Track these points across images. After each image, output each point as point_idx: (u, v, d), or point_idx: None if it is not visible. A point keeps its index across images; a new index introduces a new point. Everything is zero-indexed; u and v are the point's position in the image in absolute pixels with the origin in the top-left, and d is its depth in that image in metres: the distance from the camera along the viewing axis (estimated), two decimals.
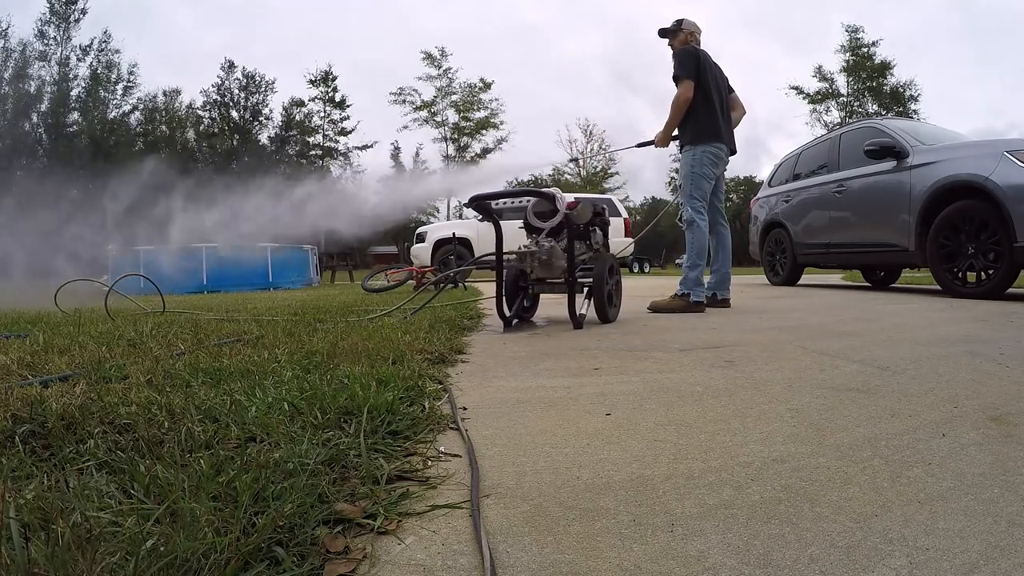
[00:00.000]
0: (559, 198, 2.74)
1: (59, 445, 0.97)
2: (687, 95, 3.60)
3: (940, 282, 4.38)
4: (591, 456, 1.01)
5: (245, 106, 38.63)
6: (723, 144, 3.71)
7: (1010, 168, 3.74)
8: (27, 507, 0.70)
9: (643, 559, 0.67)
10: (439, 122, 37.88)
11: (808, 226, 6.09)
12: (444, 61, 37.07)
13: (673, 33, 3.83)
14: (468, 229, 10.71)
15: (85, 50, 32.13)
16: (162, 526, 0.66)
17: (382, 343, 1.98)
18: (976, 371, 1.60)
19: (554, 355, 2.04)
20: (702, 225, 3.65)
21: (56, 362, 1.65)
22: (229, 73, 38.35)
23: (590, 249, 3.20)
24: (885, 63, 35.40)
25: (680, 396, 1.42)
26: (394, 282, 6.71)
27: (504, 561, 0.67)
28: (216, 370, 1.54)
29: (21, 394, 1.20)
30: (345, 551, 0.68)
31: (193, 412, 1.11)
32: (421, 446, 1.05)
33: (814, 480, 0.88)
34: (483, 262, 3.73)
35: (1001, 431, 1.08)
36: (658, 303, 3.63)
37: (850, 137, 5.66)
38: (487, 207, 2.99)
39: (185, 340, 2.14)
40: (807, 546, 0.68)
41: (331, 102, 39.59)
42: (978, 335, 2.25)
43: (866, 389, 1.43)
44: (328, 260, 13.48)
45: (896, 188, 4.71)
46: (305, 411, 1.13)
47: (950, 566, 0.63)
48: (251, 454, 0.89)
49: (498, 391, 1.51)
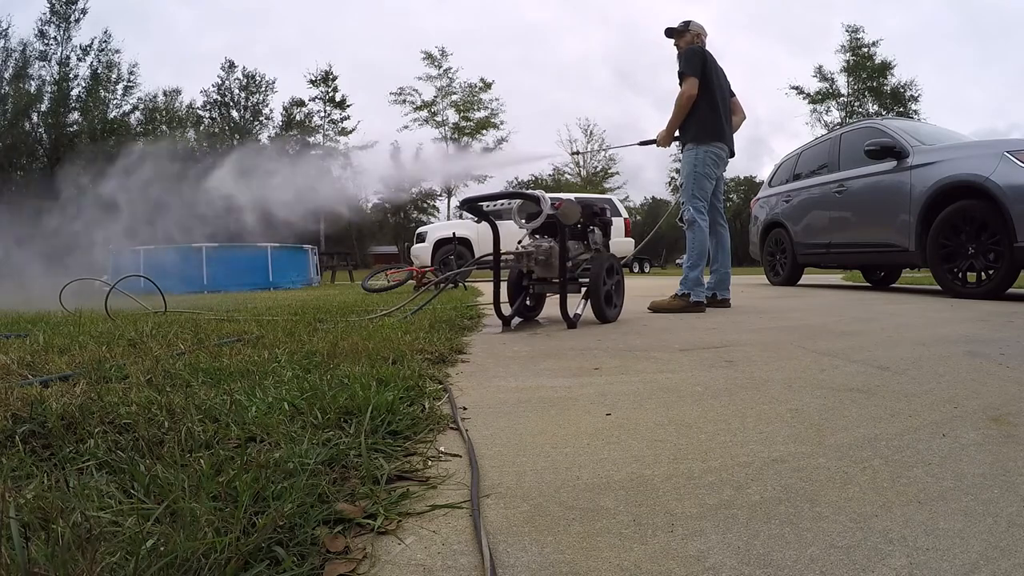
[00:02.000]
0: (543, 199, 2.81)
1: (59, 445, 0.97)
2: (691, 92, 3.61)
3: (940, 282, 4.38)
4: (591, 456, 1.01)
5: (245, 106, 38.67)
6: (725, 145, 3.72)
7: (1010, 168, 3.74)
8: (27, 507, 0.70)
9: (643, 559, 0.67)
10: (439, 122, 37.89)
11: (808, 226, 6.09)
12: (444, 61, 37.11)
13: (680, 34, 3.85)
14: (468, 229, 10.71)
15: (85, 50, 32.16)
16: (162, 526, 0.66)
17: (382, 343, 1.98)
18: (976, 371, 1.60)
19: (554, 355, 2.04)
20: (703, 225, 3.65)
21: (56, 362, 1.65)
22: (229, 73, 38.42)
23: (588, 249, 3.20)
24: (885, 63, 35.41)
25: (680, 396, 1.42)
26: (394, 282, 6.71)
27: (504, 561, 0.67)
28: (216, 370, 1.54)
29: (21, 394, 1.20)
30: (345, 551, 0.68)
31: (193, 412, 1.11)
32: (421, 446, 1.05)
33: (814, 480, 0.88)
34: (484, 262, 3.79)
35: (1001, 431, 1.08)
36: (658, 303, 3.63)
37: (850, 137, 5.66)
38: (479, 209, 3.08)
39: (185, 340, 2.14)
40: (807, 546, 0.68)
41: (331, 102, 39.63)
42: (978, 335, 2.25)
43: (866, 389, 1.43)
44: (328, 260, 13.48)
45: (896, 188, 4.71)
46: (305, 411, 1.13)
47: (950, 566, 0.63)
48: (251, 454, 0.89)
49: (498, 391, 1.51)
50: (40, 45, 30.92)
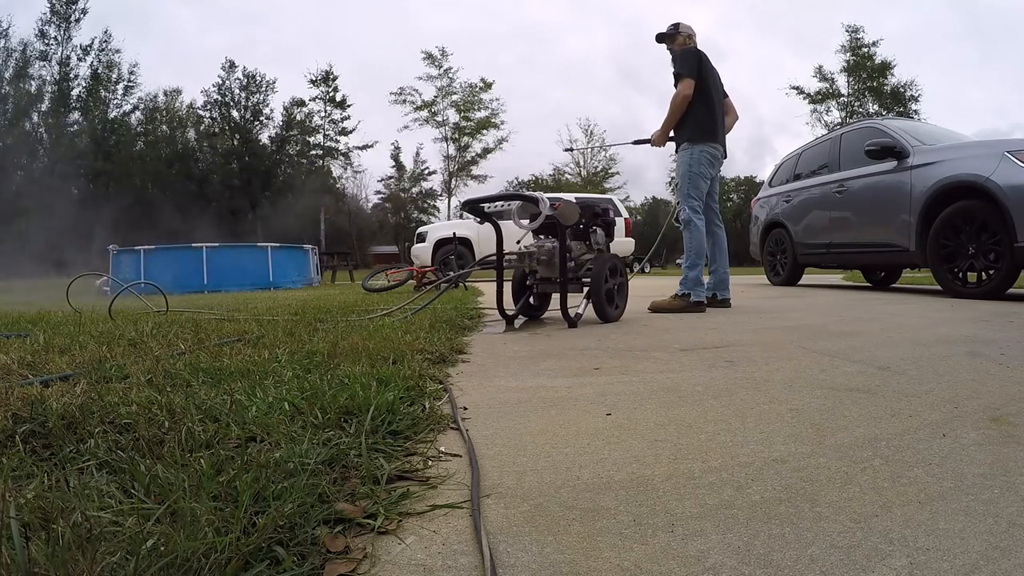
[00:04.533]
0: (542, 201, 2.85)
1: (59, 445, 0.97)
2: (687, 93, 3.62)
3: (941, 282, 4.37)
4: (591, 456, 1.01)
5: (246, 106, 38.67)
6: (719, 145, 3.74)
7: (1011, 168, 3.74)
8: (28, 507, 0.70)
9: (643, 559, 0.67)
10: (439, 122, 37.93)
11: (809, 226, 6.09)
12: (444, 61, 37.13)
13: (671, 37, 3.88)
14: (468, 229, 10.71)
15: (86, 50, 32.21)
16: (162, 526, 0.66)
17: (383, 343, 1.98)
18: (977, 371, 1.60)
19: (555, 355, 2.04)
20: (699, 224, 3.66)
21: (56, 361, 1.65)
22: (230, 73, 38.42)
23: (591, 249, 3.21)
24: (886, 63, 35.40)
25: (680, 396, 1.41)
26: (394, 282, 6.71)
27: (504, 561, 0.67)
28: (217, 370, 1.54)
29: (22, 393, 1.20)
30: (345, 551, 0.68)
31: (193, 412, 1.11)
32: (421, 446, 1.05)
33: (814, 480, 0.88)
34: (488, 263, 3.83)
35: (1002, 431, 1.08)
36: (658, 303, 3.64)
37: (851, 137, 5.66)
38: (481, 210, 3.13)
39: (186, 340, 2.14)
40: (807, 546, 0.68)
41: (332, 102, 39.66)
42: (979, 335, 2.25)
43: (867, 389, 1.43)
44: (328, 260, 13.47)
45: (897, 188, 4.71)
46: (305, 411, 1.13)
47: (950, 567, 0.63)
48: (251, 454, 0.89)
49: (498, 391, 1.51)
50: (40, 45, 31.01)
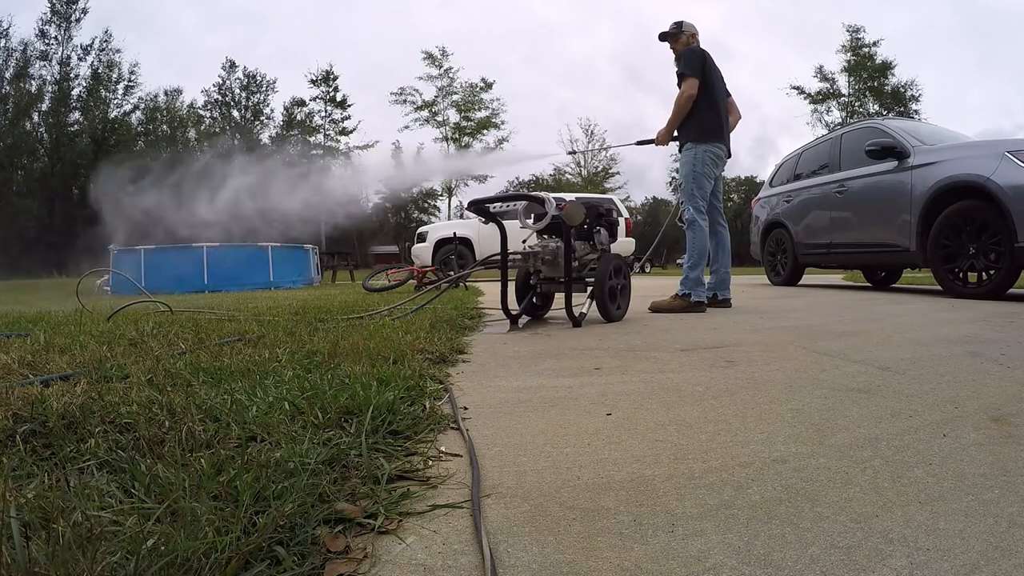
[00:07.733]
0: (548, 201, 2.88)
1: (60, 444, 0.97)
2: (691, 92, 3.62)
3: (941, 282, 4.37)
4: (592, 456, 1.01)
5: (246, 106, 38.71)
6: (723, 145, 3.73)
7: (1011, 168, 3.74)
8: (28, 506, 0.70)
9: (643, 559, 0.67)
10: (440, 122, 37.88)
11: (809, 226, 6.08)
12: (445, 61, 37.10)
13: (674, 36, 3.86)
14: (469, 229, 10.71)
15: (86, 49, 32.23)
16: (163, 525, 0.66)
17: (383, 343, 1.98)
18: (977, 371, 1.60)
19: (555, 355, 2.04)
20: (703, 224, 3.65)
21: (57, 361, 1.65)
22: (230, 73, 38.47)
23: (595, 249, 3.22)
24: (886, 63, 35.39)
25: (681, 396, 1.41)
26: (395, 282, 6.71)
27: (505, 561, 0.67)
28: (217, 369, 1.54)
29: (22, 393, 1.20)
30: (346, 551, 0.68)
31: (194, 411, 1.11)
32: (422, 446, 1.05)
33: (815, 480, 0.88)
34: (491, 263, 3.84)
35: (1002, 432, 1.08)
36: (659, 303, 3.64)
37: (851, 137, 5.66)
38: (486, 210, 3.14)
39: (186, 339, 2.14)
40: (808, 546, 0.68)
41: (332, 102, 39.64)
42: (979, 335, 2.25)
43: (867, 389, 1.43)
44: (329, 260, 13.47)
45: (897, 188, 4.71)
46: (306, 411, 1.13)
47: (951, 567, 0.63)
48: (252, 453, 0.89)
49: (499, 391, 1.51)
50: (41, 45, 31.04)
